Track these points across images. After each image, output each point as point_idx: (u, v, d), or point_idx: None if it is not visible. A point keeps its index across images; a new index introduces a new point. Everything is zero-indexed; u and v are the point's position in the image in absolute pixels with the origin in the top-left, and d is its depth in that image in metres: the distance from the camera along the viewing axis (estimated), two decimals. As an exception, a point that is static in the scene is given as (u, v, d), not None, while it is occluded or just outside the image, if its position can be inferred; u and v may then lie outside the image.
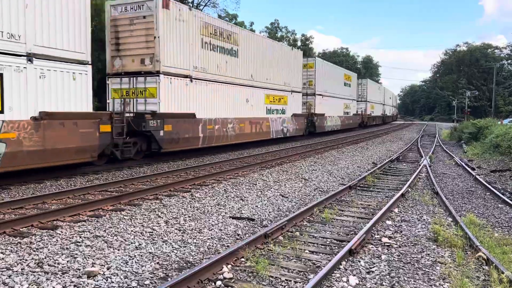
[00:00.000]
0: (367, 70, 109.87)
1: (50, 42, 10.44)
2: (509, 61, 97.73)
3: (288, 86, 25.03)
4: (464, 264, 5.68)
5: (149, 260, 5.51)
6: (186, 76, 15.79)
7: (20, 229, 6.60)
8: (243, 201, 9.20)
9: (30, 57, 9.93)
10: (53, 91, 10.52)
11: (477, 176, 13.35)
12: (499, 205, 9.82)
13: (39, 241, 6.06)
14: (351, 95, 41.23)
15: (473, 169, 15.45)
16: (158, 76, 14.35)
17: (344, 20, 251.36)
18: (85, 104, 11.37)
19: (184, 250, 5.96)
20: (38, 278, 4.80)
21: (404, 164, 16.74)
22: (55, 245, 5.92)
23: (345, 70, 41.18)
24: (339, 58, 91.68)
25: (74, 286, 4.64)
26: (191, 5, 39.22)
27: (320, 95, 31.36)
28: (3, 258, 5.36)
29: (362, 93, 48.49)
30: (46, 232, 6.50)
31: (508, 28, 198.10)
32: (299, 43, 69.48)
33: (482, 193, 11.22)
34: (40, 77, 10.19)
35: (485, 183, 12.17)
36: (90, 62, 11.53)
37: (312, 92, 30.43)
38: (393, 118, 77.33)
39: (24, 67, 9.81)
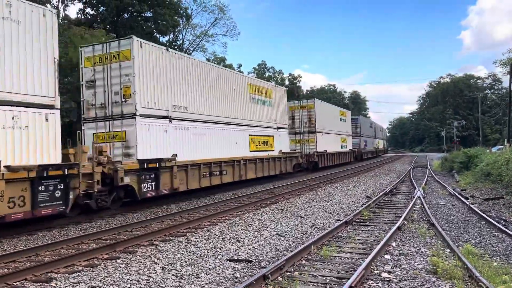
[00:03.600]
0: (356, 105, 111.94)
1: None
2: (492, 90, 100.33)
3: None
4: (466, 296, 5.64)
5: (146, 309, 5.39)
6: None
7: (14, 283, 6.44)
8: (239, 242, 9.11)
9: None
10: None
11: (471, 205, 13.42)
12: (495, 233, 9.84)
13: (33, 295, 5.92)
14: (276, 121, 25.47)
15: (466, 198, 15.54)
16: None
17: (328, 58, 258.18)
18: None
19: (182, 296, 5.85)
20: (33, 334, 4.66)
21: (398, 196, 16.78)
22: (50, 298, 5.78)
23: (270, 84, 27.11)
24: (327, 95, 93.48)
25: None
26: (177, 49, 40.16)
27: (194, 121, 17.19)
28: (-4, 315, 5.20)
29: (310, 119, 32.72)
30: (40, 285, 6.35)
31: (487, 59, 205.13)
32: (287, 82, 70.85)
33: (478, 222, 11.24)
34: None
35: (479, 212, 12.23)
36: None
37: (183, 117, 16.40)
38: (377, 152, 66.57)
39: None
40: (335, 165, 37.58)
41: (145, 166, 13.74)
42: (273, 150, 24.57)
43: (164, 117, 15.46)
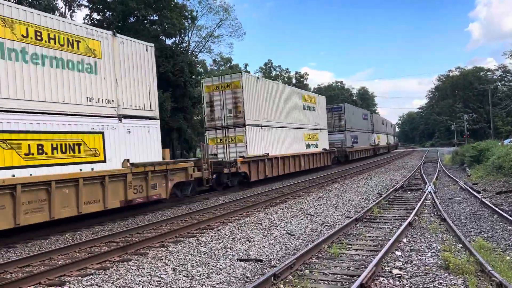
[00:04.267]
0: (364, 101, 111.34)
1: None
2: (503, 82, 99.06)
3: None
4: (478, 291, 5.59)
5: (158, 310, 5.44)
6: None
7: (28, 287, 6.54)
8: (249, 242, 9.13)
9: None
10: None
11: (483, 199, 13.28)
12: (508, 227, 9.73)
13: (47, 298, 5.99)
14: (108, 101, 12.86)
15: (478, 192, 15.38)
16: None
17: (335, 54, 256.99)
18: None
19: (194, 297, 5.89)
20: (48, 337, 4.71)
21: (409, 192, 16.67)
22: (63, 301, 5.85)
23: (88, 29, 12.57)
24: (335, 92, 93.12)
25: None
26: (183, 51, 40.31)
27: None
28: (11, 319, 5.28)
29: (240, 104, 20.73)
30: (53, 288, 6.44)
31: (496, 51, 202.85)
32: (294, 81, 70.74)
33: (490, 216, 11.13)
34: None
35: (491, 205, 12.10)
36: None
37: None
38: (375, 151, 53.81)
39: None
40: (293, 174, 26.31)
41: None
42: (104, 161, 12.39)
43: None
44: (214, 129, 21.26)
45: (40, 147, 10.63)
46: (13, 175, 9.89)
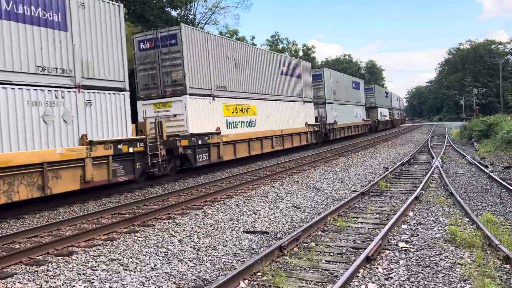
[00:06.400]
0: (372, 75, 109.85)
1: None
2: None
3: None
4: (485, 264, 5.57)
5: (165, 280, 5.49)
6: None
7: (36, 257, 6.63)
8: (255, 214, 9.16)
9: None
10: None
11: (491, 174, 13.18)
12: (516, 201, 9.65)
13: (55, 268, 6.08)
14: None
15: (486, 166, 15.26)
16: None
17: (344, 27, 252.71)
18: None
19: (200, 268, 5.94)
20: (56, 305, 4.78)
21: (416, 166, 16.59)
22: (72, 271, 5.93)
23: None
24: (342, 65, 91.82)
25: (92, 311, 4.61)
26: (190, 23, 39.65)
27: None
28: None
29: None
30: (62, 258, 6.52)
31: (508, 23, 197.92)
32: (301, 53, 69.73)
33: (498, 190, 11.05)
34: None
35: (499, 180, 12.00)
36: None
37: None
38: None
39: None
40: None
41: None
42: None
43: None
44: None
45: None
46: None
